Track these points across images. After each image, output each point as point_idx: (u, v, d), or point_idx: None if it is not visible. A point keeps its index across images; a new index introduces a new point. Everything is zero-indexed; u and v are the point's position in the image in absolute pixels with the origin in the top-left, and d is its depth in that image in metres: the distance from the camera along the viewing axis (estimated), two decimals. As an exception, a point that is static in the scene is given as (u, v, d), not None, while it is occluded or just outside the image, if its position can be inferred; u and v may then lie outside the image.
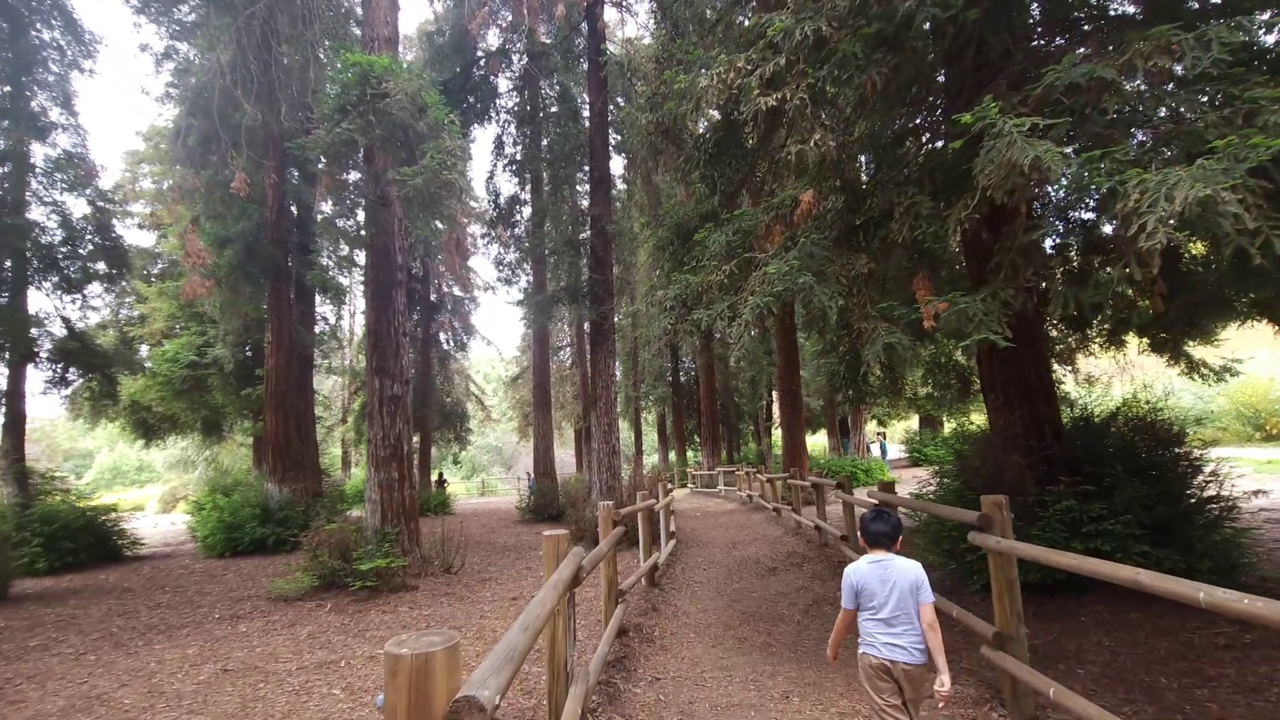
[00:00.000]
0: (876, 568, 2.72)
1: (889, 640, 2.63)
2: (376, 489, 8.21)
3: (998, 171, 2.72)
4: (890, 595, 2.65)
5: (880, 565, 2.72)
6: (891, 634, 2.63)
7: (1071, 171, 2.63)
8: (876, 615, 2.67)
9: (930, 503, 5.14)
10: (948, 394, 13.67)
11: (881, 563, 2.73)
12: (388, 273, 8.56)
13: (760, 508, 16.87)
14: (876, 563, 2.73)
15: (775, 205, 4.78)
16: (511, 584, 8.21)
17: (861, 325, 3.80)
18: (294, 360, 13.48)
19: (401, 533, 8.17)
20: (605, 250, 12.22)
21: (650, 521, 8.12)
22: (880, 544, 2.79)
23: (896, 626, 2.63)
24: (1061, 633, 5.12)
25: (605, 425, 11.99)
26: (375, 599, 7.37)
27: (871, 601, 2.69)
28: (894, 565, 2.71)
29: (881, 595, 2.66)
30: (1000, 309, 3.28)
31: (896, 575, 2.67)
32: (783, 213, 4.77)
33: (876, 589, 2.68)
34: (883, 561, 2.73)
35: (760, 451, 31.39)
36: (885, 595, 2.66)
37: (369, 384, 8.44)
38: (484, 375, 55.76)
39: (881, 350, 3.54)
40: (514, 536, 13.68)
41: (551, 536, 3.53)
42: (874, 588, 2.69)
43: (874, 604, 2.68)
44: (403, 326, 8.63)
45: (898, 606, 2.63)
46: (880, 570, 2.71)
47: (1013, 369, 6.44)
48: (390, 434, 8.27)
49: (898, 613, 2.63)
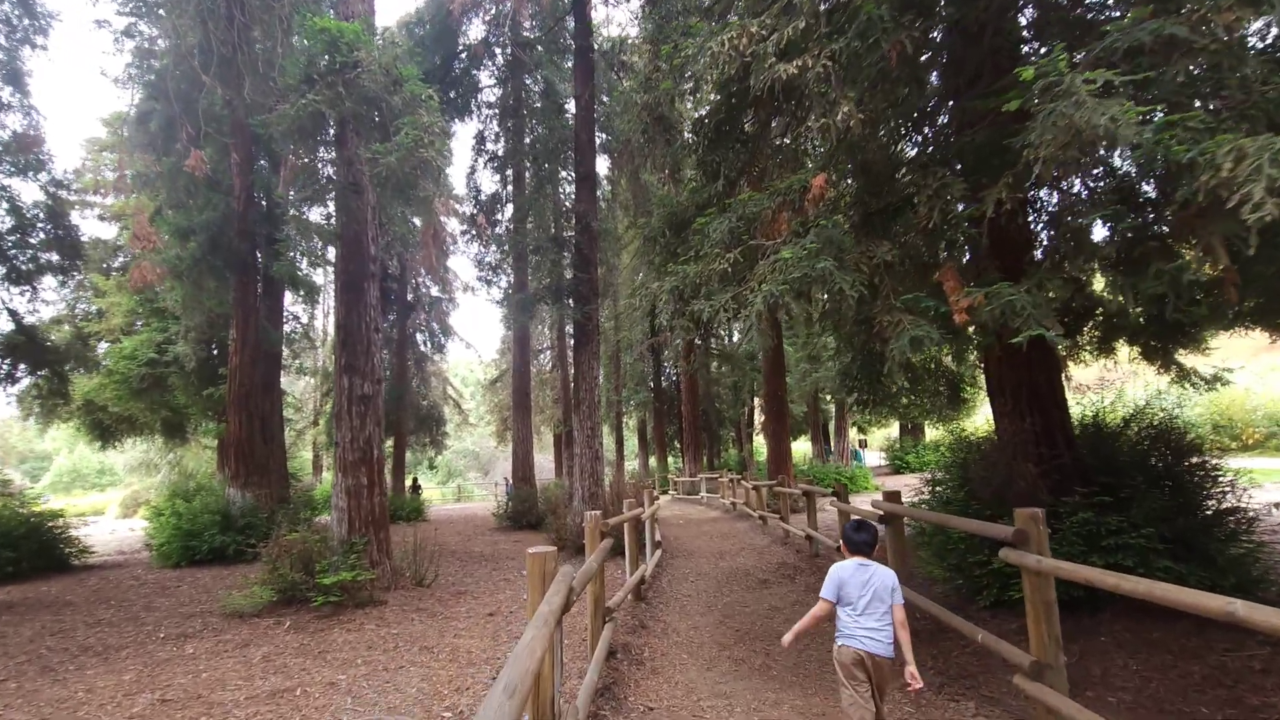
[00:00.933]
0: (861, 570, 3.03)
1: (867, 634, 2.93)
2: (343, 495, 7.64)
3: (1060, 137, 2.36)
4: (869, 595, 2.97)
5: (864, 569, 3.03)
6: (869, 629, 2.94)
7: (1146, 137, 2.29)
8: (856, 612, 2.97)
9: (948, 515, 4.78)
10: (937, 401, 13.48)
11: (865, 567, 3.04)
12: (359, 264, 8.01)
13: (745, 515, 16.49)
14: (861, 566, 3.05)
15: (783, 190, 4.39)
16: (488, 598, 7.69)
17: (884, 319, 3.42)
18: (260, 359, 12.79)
19: (370, 543, 7.61)
20: (590, 248, 11.77)
21: (637, 531, 7.68)
22: (862, 551, 3.11)
23: (874, 623, 2.94)
24: (1083, 654, 4.77)
25: (588, 429, 11.52)
26: (340, 615, 6.80)
27: (851, 600, 2.99)
28: (875, 570, 3.04)
29: (862, 595, 2.97)
30: (1047, 302, 2.92)
31: (876, 579, 3.00)
32: (791, 198, 4.38)
33: (857, 589, 2.99)
34: (866, 566, 3.05)
35: (742, 458, 31.11)
36: (865, 595, 2.97)
37: (337, 383, 7.87)
38: (462, 379, 54.79)
39: (908, 345, 3.16)
40: (490, 545, 13.12)
41: (537, 554, 3.07)
42: (855, 588, 3.00)
43: (853, 602, 2.99)
44: (375, 322, 8.09)
45: (874, 605, 2.95)
46: (863, 573, 3.02)
47: (1022, 373, 6.13)
48: (359, 437, 7.71)
49: (874, 611, 2.95)
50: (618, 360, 28.99)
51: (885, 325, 3.41)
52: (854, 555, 3.10)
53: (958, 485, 6.50)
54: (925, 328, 3.22)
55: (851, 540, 3.15)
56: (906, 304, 3.41)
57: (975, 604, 5.91)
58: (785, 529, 11.93)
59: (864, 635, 2.94)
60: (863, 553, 3.10)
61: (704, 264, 4.38)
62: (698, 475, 24.10)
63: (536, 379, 30.84)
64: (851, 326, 5.08)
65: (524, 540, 13.48)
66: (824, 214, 3.94)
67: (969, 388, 7.87)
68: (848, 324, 4.95)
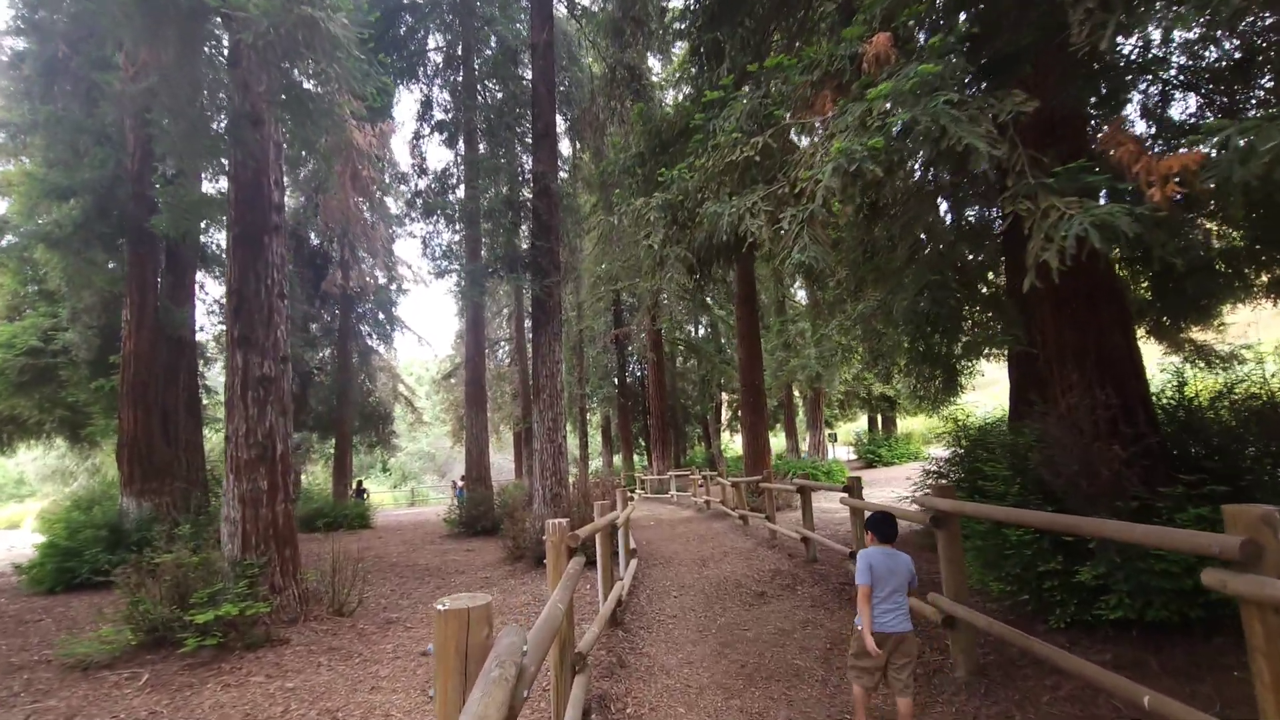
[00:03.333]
0: (888, 558, 3.29)
1: (894, 616, 3.19)
2: (236, 503, 6.00)
3: None
4: (895, 581, 3.23)
5: (890, 556, 3.30)
6: (894, 610, 3.20)
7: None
8: (882, 595, 3.21)
9: (1072, 517, 3.47)
10: (930, 387, 12.42)
11: (892, 553, 3.32)
12: (258, 213, 6.37)
13: (721, 515, 15.22)
14: (888, 553, 3.32)
15: (824, 59, 3.01)
16: (424, 628, 6.15)
17: (1021, 204, 2.12)
18: (160, 344, 10.87)
19: (271, 563, 5.99)
20: (550, 213, 10.28)
21: (610, 540, 6.25)
22: (891, 540, 3.40)
23: (897, 604, 3.21)
24: (1217, 688, 3.54)
25: (550, 421, 10.03)
26: (222, 662, 5.17)
27: (886, 583, 3.22)
28: (898, 557, 3.31)
29: (890, 579, 3.23)
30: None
31: (900, 565, 3.28)
32: (835, 70, 3.01)
33: (887, 575, 3.23)
34: (891, 553, 3.32)
35: (711, 455, 29.97)
36: (892, 580, 3.23)
37: (229, 361, 6.21)
38: (417, 377, 52.14)
39: (1094, 235, 1.88)
40: (438, 556, 11.49)
41: (453, 616, 1.61)
42: (887, 573, 3.24)
43: (887, 585, 3.22)
44: (279, 286, 6.44)
45: (899, 589, 3.23)
46: (890, 560, 3.28)
47: (1091, 336, 4.94)
48: (257, 429, 6.08)
49: (897, 592, 3.23)
50: (581, 352, 27.45)
51: (1028, 214, 2.12)
52: (883, 544, 3.37)
53: (1009, 476, 5.26)
54: (1115, 211, 1.93)
55: (882, 530, 3.41)
56: (1062, 180, 2.12)
57: (1043, 623, 4.69)
58: (771, 529, 10.66)
59: (893, 617, 3.18)
60: (890, 541, 3.39)
61: (714, 158, 2.99)
62: (667, 473, 22.76)
63: (494, 373, 29.06)
64: (940, 229, 3.73)
65: (477, 549, 11.90)
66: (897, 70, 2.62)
67: (1041, 354, 6.63)
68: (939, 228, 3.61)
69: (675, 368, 31.99)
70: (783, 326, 20.70)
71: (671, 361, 31.04)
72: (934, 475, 9.35)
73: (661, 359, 25.76)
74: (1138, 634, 4.23)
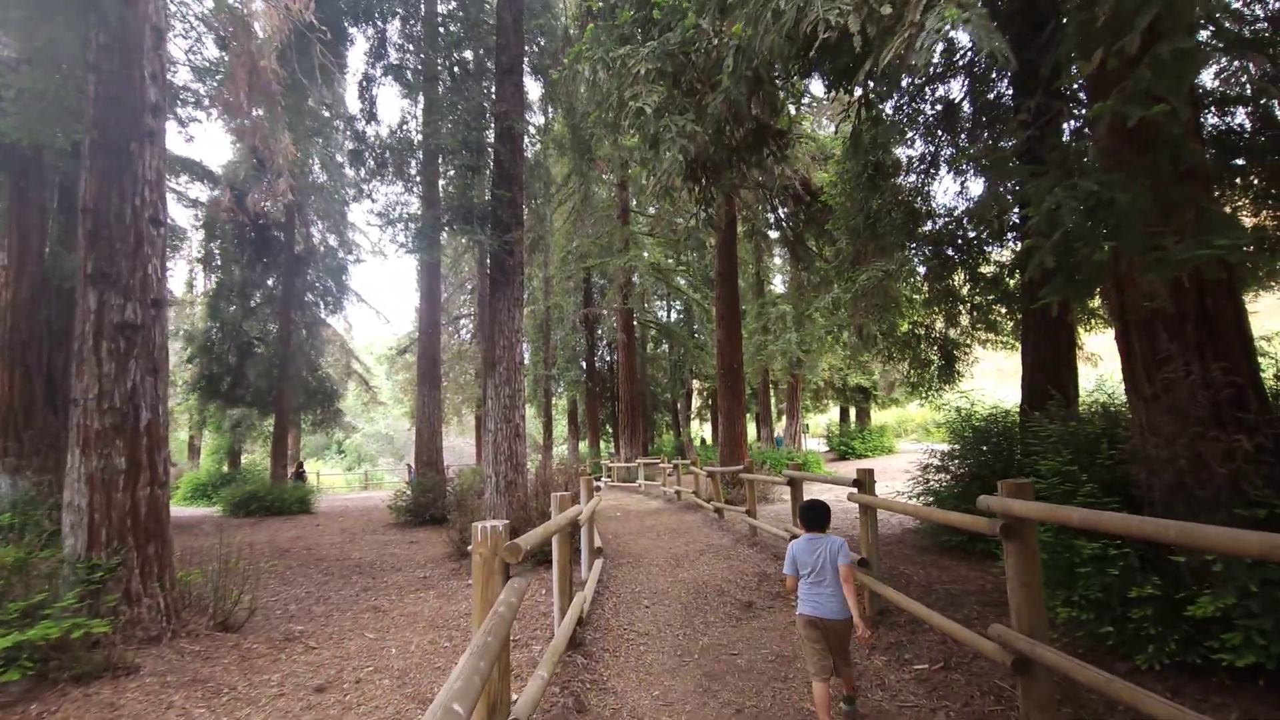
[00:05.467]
0: (810, 543, 3.35)
1: (818, 601, 3.24)
2: (84, 487, 4.59)
3: None
4: (819, 564, 3.27)
5: (813, 541, 3.36)
6: (819, 596, 3.24)
7: None
8: (808, 579, 3.30)
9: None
10: (926, 373, 11.49)
11: (815, 539, 3.36)
12: (126, 113, 4.92)
13: (693, 506, 14.13)
14: (811, 539, 3.37)
15: None
16: (331, 647, 4.87)
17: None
18: (47, 295, 9.23)
19: (128, 564, 4.61)
20: (513, 160, 8.93)
21: (570, 541, 5.04)
22: (815, 527, 3.46)
23: (823, 589, 3.25)
24: None
25: (506, 398, 8.74)
26: (33, 701, 3.81)
27: (805, 570, 3.31)
28: (823, 542, 3.34)
29: (812, 565, 3.28)
30: None
31: (824, 549, 3.30)
32: None
33: (808, 560, 3.31)
34: (816, 539, 3.37)
35: (680, 443, 28.97)
36: (815, 564, 3.28)
37: (81, 302, 4.77)
38: (378, 357, 49.83)
39: None
40: (377, 548, 10.13)
41: None
42: (806, 559, 3.32)
43: (806, 571, 3.30)
44: (155, 209, 5.01)
45: (823, 573, 3.26)
46: (812, 546, 3.33)
47: (1189, 300, 3.88)
48: (115, 390, 4.67)
49: (823, 578, 3.25)
50: (548, 332, 26.04)
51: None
52: (809, 531, 3.45)
53: (1072, 473, 4.19)
54: None
55: (807, 519, 3.52)
56: None
57: (1126, 661, 3.65)
58: (752, 524, 9.59)
59: (815, 602, 3.25)
60: (816, 528, 3.45)
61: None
62: (635, 461, 21.62)
63: (456, 351, 27.47)
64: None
65: (422, 541, 10.56)
66: None
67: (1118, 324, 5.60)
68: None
69: (646, 353, 30.80)
70: (762, 309, 19.65)
71: (643, 346, 29.85)
72: (934, 470, 8.40)
73: (632, 341, 24.55)
74: (1265, 684, 3.21)
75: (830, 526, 3.61)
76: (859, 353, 13.17)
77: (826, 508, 3.54)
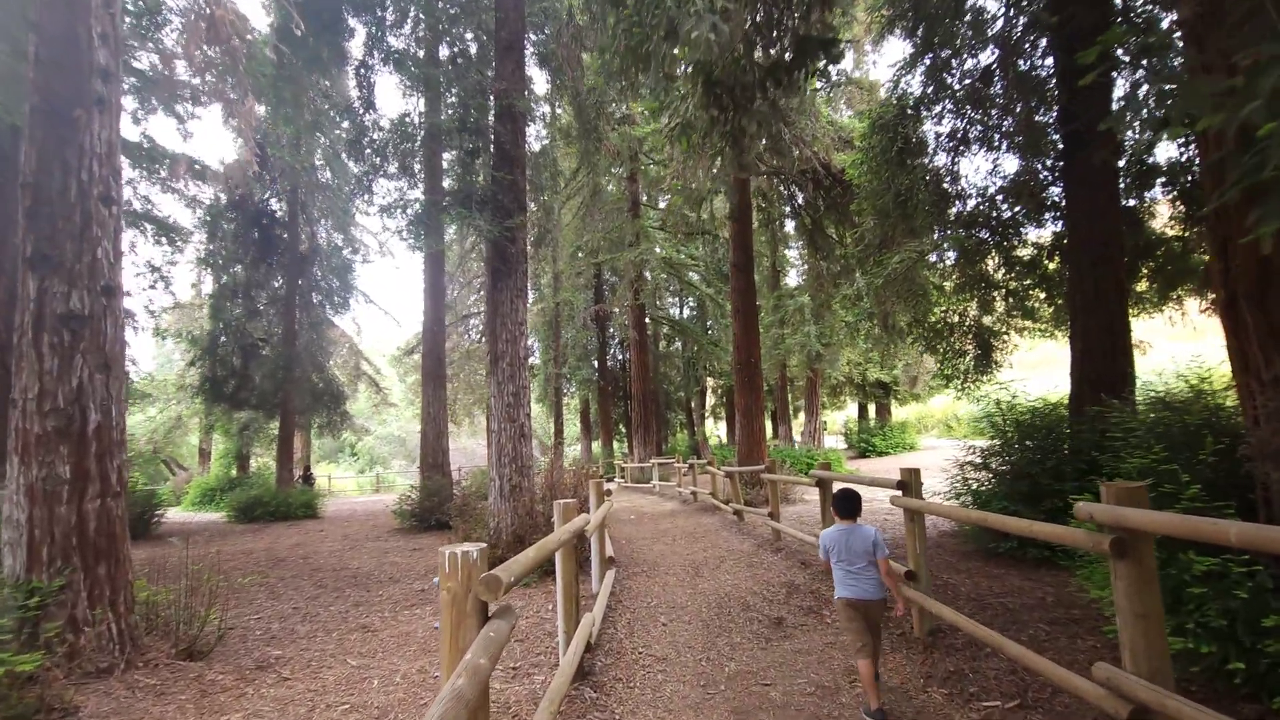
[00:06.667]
0: (842, 533, 3.57)
1: (854, 583, 3.47)
2: (23, 499, 4.04)
3: None
4: (850, 552, 3.50)
5: (845, 530, 3.57)
6: (856, 580, 3.47)
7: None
8: (842, 565, 3.52)
9: None
10: (960, 363, 10.75)
11: (846, 529, 3.58)
12: (71, 77, 4.37)
13: (710, 508, 13.48)
14: (843, 529, 3.59)
15: None
16: (307, 679, 4.28)
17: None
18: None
19: (75, 585, 4.05)
20: (514, 141, 8.34)
21: (576, 553, 4.42)
22: (847, 516, 3.64)
23: (860, 574, 3.47)
24: None
25: (510, 396, 8.14)
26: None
27: (840, 556, 3.53)
28: (856, 530, 3.55)
29: (847, 553, 3.51)
30: None
31: (857, 539, 3.52)
32: None
33: (842, 548, 3.53)
34: (847, 528, 3.58)
35: (695, 442, 28.30)
36: (848, 552, 3.50)
37: (20, 290, 4.23)
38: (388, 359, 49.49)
39: None
40: (377, 556, 9.58)
41: None
42: (840, 547, 3.54)
43: (842, 558, 3.52)
44: (106, 186, 4.46)
45: (857, 559, 3.48)
46: (845, 535, 3.55)
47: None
48: (58, 390, 4.13)
49: (858, 563, 3.47)
50: (557, 329, 25.46)
51: None
52: (841, 520, 3.63)
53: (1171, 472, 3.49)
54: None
55: (841, 508, 3.67)
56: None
57: (1256, 703, 2.96)
58: (775, 529, 8.93)
59: (854, 585, 3.47)
60: (849, 517, 3.62)
61: None
62: (649, 461, 20.97)
63: (465, 350, 26.99)
64: None
65: (424, 548, 10.01)
66: None
67: (1220, 294, 4.88)
68: None
69: (659, 351, 30.14)
70: (779, 301, 18.91)
71: (655, 344, 29.18)
72: (973, 467, 7.70)
73: (644, 338, 23.91)
74: None
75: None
76: (885, 344, 12.45)
77: (858, 496, 3.71)
